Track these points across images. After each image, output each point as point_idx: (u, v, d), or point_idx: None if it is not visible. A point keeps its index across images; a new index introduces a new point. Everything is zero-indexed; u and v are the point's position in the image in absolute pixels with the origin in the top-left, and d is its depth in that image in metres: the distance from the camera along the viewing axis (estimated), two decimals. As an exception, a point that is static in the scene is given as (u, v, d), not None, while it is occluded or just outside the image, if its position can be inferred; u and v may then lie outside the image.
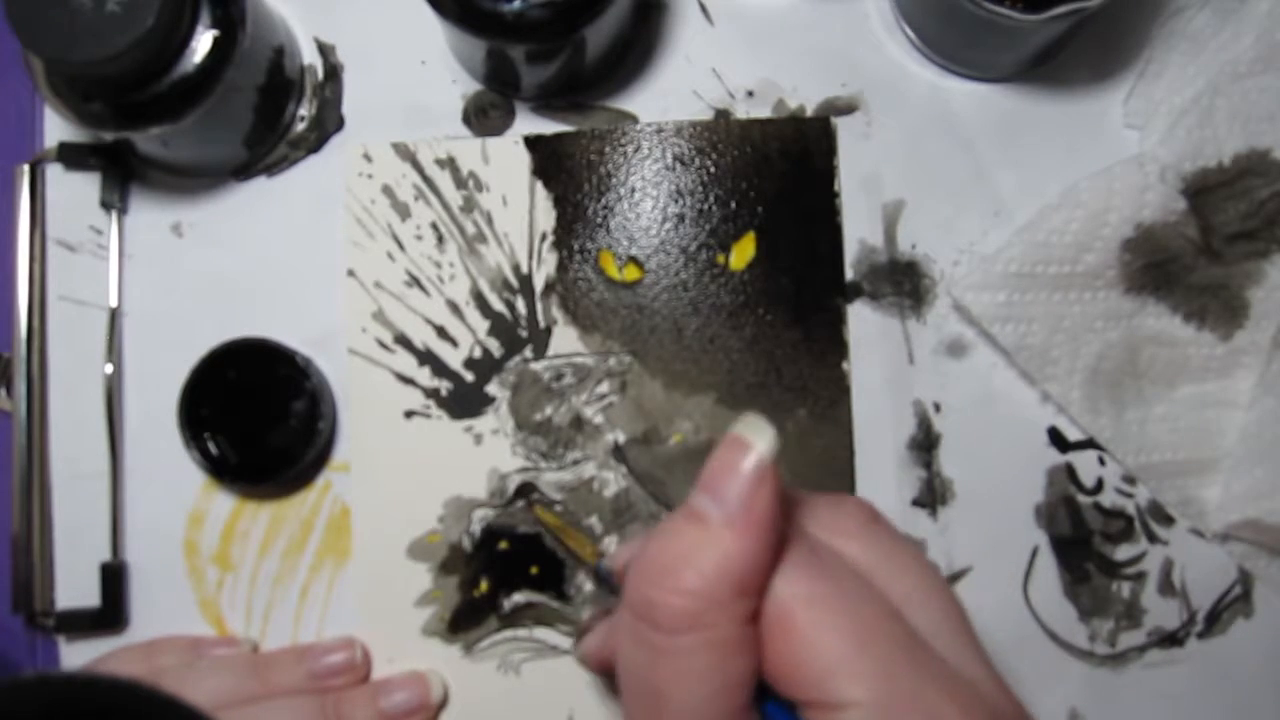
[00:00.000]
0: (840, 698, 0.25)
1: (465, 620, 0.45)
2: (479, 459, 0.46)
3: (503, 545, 0.46)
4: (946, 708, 0.25)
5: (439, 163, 0.47)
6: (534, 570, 0.45)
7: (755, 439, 0.26)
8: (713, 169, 0.47)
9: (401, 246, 0.47)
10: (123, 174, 0.47)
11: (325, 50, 0.48)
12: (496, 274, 0.47)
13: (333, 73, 0.48)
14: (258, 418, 0.45)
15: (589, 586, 0.45)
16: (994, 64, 0.47)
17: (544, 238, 0.47)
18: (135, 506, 0.46)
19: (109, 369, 0.46)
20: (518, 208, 0.47)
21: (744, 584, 0.26)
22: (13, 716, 0.20)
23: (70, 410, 0.46)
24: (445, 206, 0.47)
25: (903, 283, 0.47)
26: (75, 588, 0.46)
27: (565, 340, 0.46)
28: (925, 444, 0.46)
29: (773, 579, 0.26)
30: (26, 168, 0.47)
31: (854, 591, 0.26)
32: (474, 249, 0.47)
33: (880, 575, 0.28)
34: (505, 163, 0.47)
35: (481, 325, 0.47)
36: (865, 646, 0.25)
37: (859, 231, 0.47)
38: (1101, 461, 0.46)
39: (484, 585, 0.46)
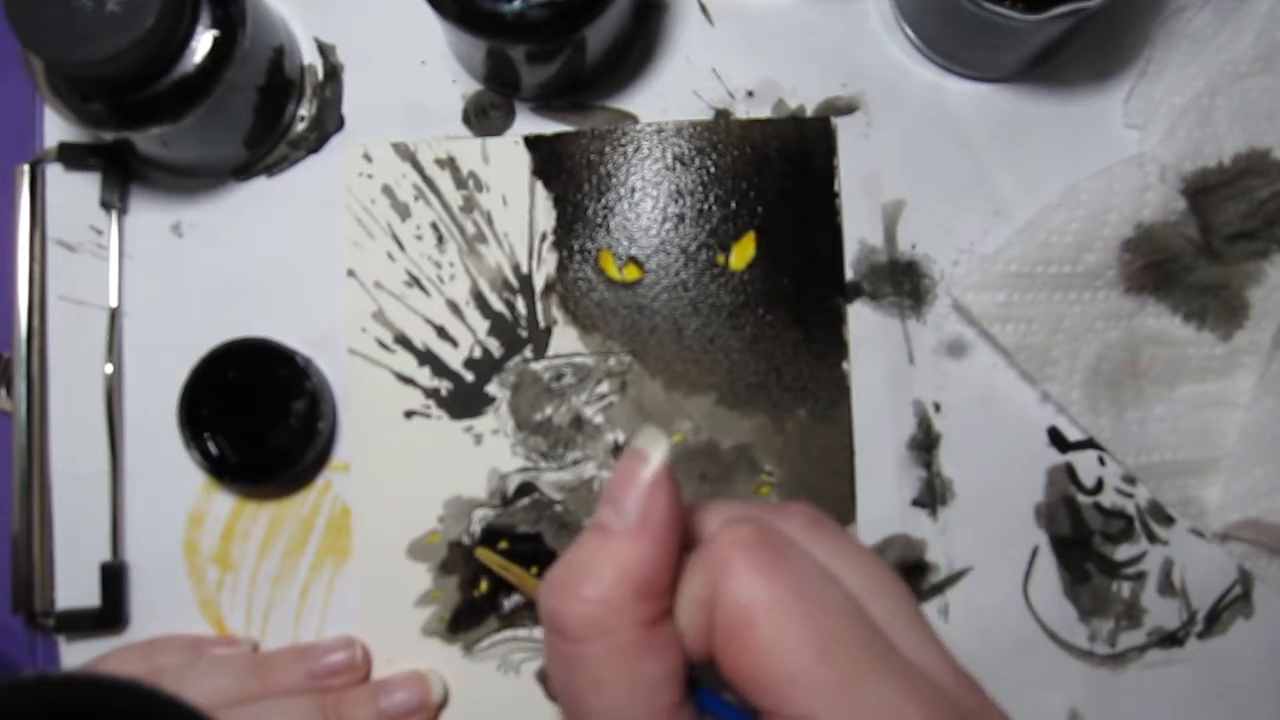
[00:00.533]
0: (801, 709, 0.25)
1: (465, 620, 0.45)
2: (479, 459, 0.46)
3: (503, 545, 0.46)
4: (910, 712, 0.25)
5: (439, 163, 0.47)
6: (534, 570, 0.45)
7: (651, 449, 0.27)
8: (713, 169, 0.47)
9: (401, 246, 0.47)
10: (123, 174, 0.47)
11: (325, 50, 0.48)
12: (496, 274, 0.47)
13: (333, 73, 0.48)
14: (258, 418, 0.45)
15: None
16: (994, 64, 0.47)
17: (544, 238, 0.47)
18: (135, 506, 0.46)
19: (109, 369, 0.46)
20: (518, 208, 0.47)
21: (642, 588, 0.26)
22: (13, 716, 0.20)
23: (70, 410, 0.46)
24: (445, 206, 0.47)
25: (903, 283, 0.47)
26: (75, 588, 0.46)
27: (565, 340, 0.46)
28: (925, 444, 0.46)
29: (731, 581, 0.26)
30: (26, 168, 0.47)
31: (815, 595, 0.26)
32: (474, 249, 0.47)
33: (833, 575, 0.28)
34: (505, 163, 0.47)
35: (481, 325, 0.47)
36: (826, 654, 0.25)
37: (859, 231, 0.47)
38: (1101, 461, 0.46)
39: (484, 585, 0.46)
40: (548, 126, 0.48)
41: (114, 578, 0.45)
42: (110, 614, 0.45)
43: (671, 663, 0.26)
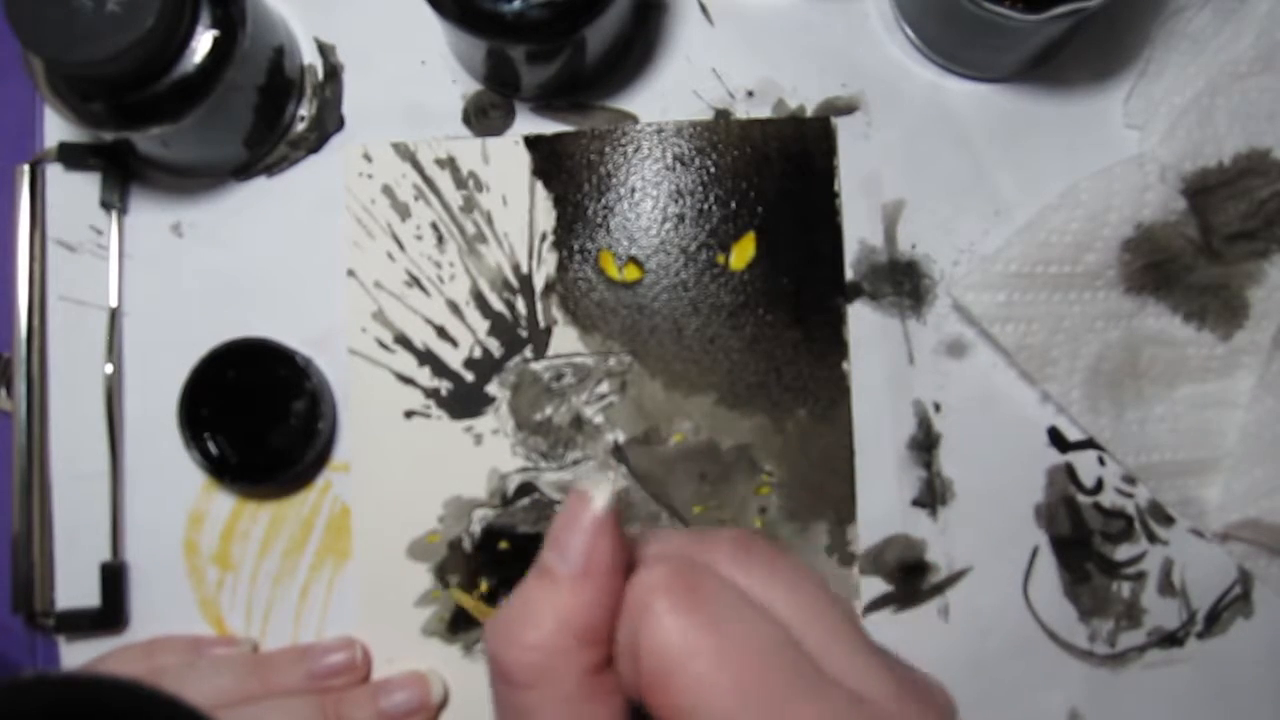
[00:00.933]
0: None
1: (465, 620, 0.45)
2: (479, 459, 0.46)
3: (503, 545, 0.46)
4: None
5: (439, 163, 0.47)
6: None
7: (594, 492, 0.27)
8: (713, 169, 0.47)
9: (401, 246, 0.47)
10: (123, 174, 0.47)
11: (325, 50, 0.48)
12: (496, 274, 0.47)
13: (333, 73, 0.48)
14: (258, 418, 0.45)
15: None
16: (994, 64, 0.47)
17: (544, 238, 0.47)
18: (135, 506, 0.46)
19: (109, 369, 0.46)
20: (518, 208, 0.47)
21: (585, 633, 0.26)
22: (12, 716, 0.20)
23: (70, 410, 0.46)
24: (445, 206, 0.47)
25: (903, 283, 0.47)
26: (75, 588, 0.46)
27: (565, 340, 0.46)
28: (925, 444, 0.46)
29: (652, 622, 0.26)
30: (26, 168, 0.47)
31: (735, 633, 0.25)
32: (474, 249, 0.47)
33: (762, 601, 0.27)
34: (505, 163, 0.47)
35: (481, 325, 0.47)
36: (746, 695, 0.24)
37: (859, 231, 0.47)
38: (1101, 461, 0.46)
39: (484, 585, 0.46)
40: (548, 126, 0.48)
41: (114, 578, 0.45)
42: (110, 614, 0.45)
43: (615, 708, 0.26)
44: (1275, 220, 0.45)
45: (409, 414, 0.46)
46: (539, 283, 0.47)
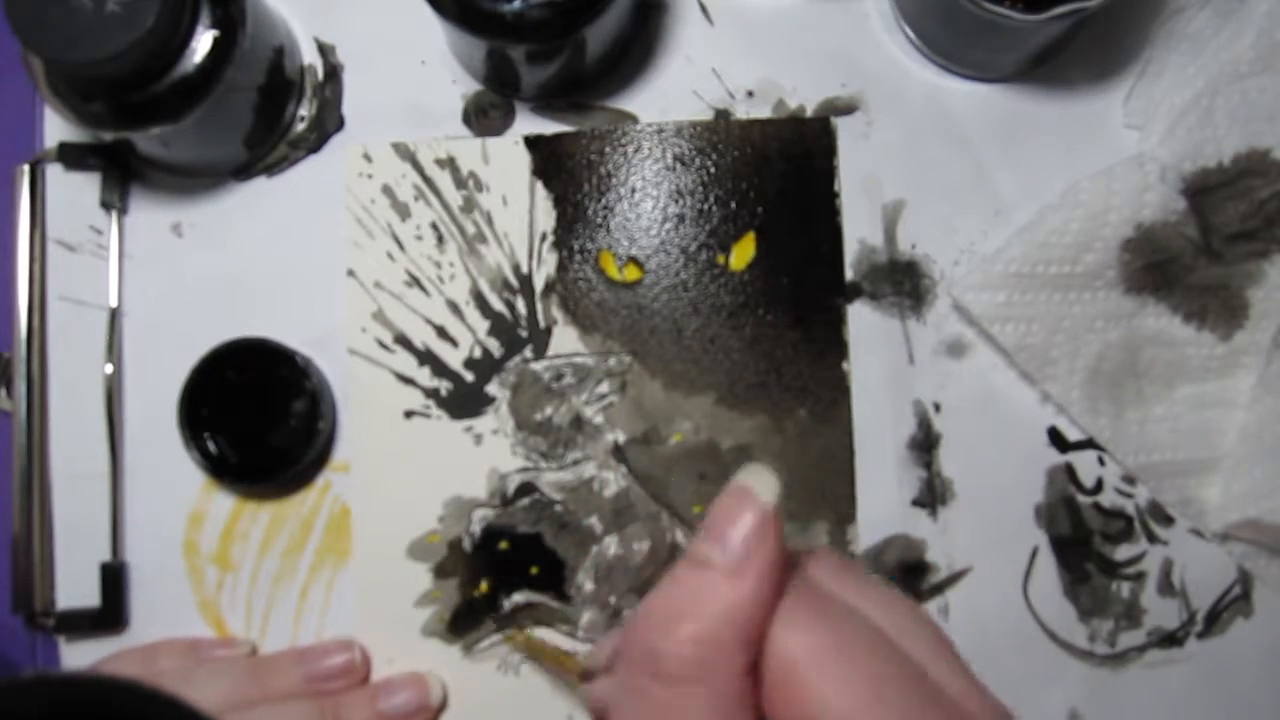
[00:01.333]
0: None
1: (465, 621, 0.45)
2: (479, 459, 0.46)
3: (503, 545, 0.46)
4: None
5: (439, 163, 0.47)
6: (534, 570, 0.45)
7: (759, 487, 0.26)
8: (713, 169, 0.47)
9: (401, 246, 0.47)
10: (123, 174, 0.47)
11: (325, 50, 0.48)
12: (496, 274, 0.47)
13: (333, 73, 0.48)
14: (258, 418, 0.45)
15: (589, 586, 0.45)
16: (994, 64, 0.47)
17: (544, 238, 0.47)
18: (135, 506, 0.46)
19: (109, 369, 0.46)
20: (518, 208, 0.47)
21: (748, 632, 0.25)
22: (12, 716, 0.20)
23: (70, 410, 0.46)
24: (445, 206, 0.47)
25: (903, 283, 0.47)
26: (75, 588, 0.45)
27: (565, 340, 0.46)
28: (925, 444, 0.46)
29: (775, 630, 0.25)
30: (26, 168, 0.47)
31: (862, 639, 0.25)
32: (474, 249, 0.47)
33: (866, 617, 0.27)
34: (505, 163, 0.47)
35: (481, 325, 0.47)
36: (879, 697, 0.24)
37: (859, 231, 0.47)
38: (1101, 461, 0.46)
39: (484, 585, 0.46)
40: (548, 126, 0.48)
41: (114, 578, 0.45)
42: (110, 614, 0.45)
43: (754, 717, 0.25)
44: (1275, 220, 0.45)
45: (409, 414, 0.46)
46: (539, 283, 0.47)
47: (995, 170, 0.47)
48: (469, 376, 0.46)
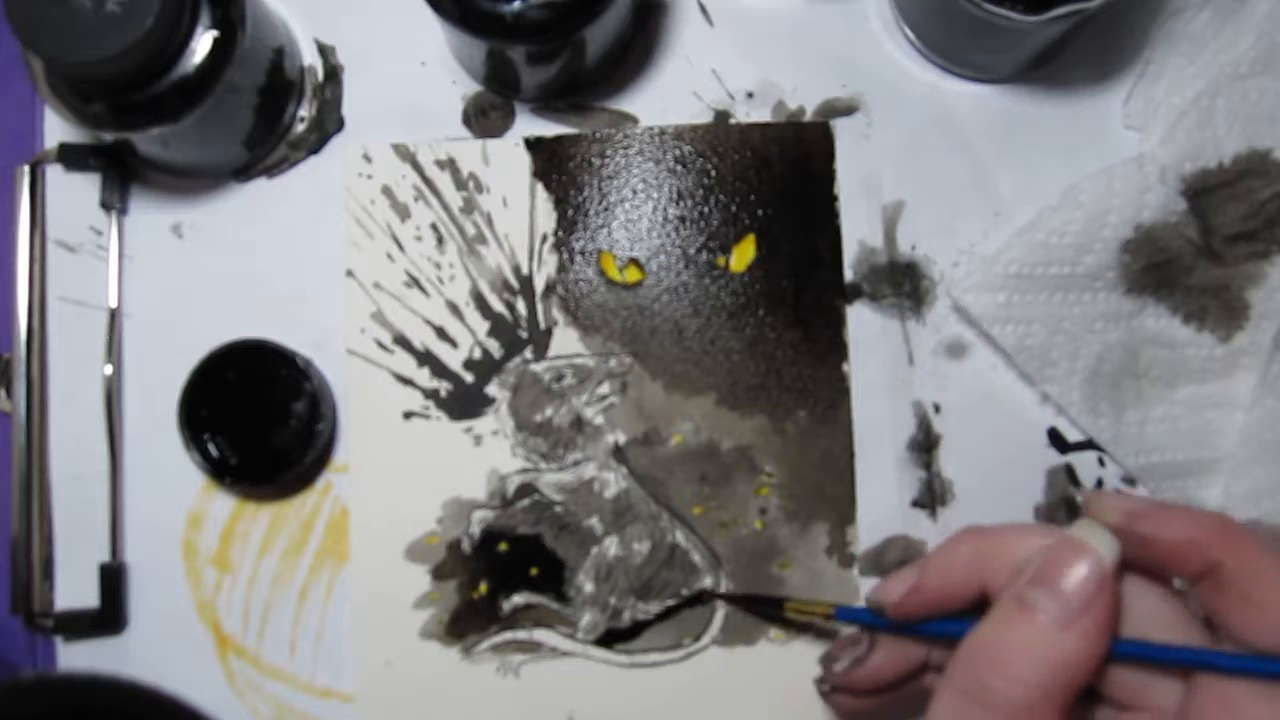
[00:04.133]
0: None
1: (464, 622, 0.45)
2: (478, 460, 0.46)
3: (502, 547, 0.46)
4: None
5: (439, 164, 0.47)
6: (534, 572, 0.45)
7: (1098, 544, 0.27)
8: (713, 172, 0.47)
9: (401, 247, 0.47)
10: (123, 174, 0.47)
11: (325, 51, 0.48)
12: (496, 275, 0.47)
13: (333, 74, 0.48)
14: (257, 419, 0.45)
15: (589, 587, 0.45)
16: (994, 65, 0.47)
17: (544, 239, 0.47)
18: (135, 507, 0.46)
19: (109, 370, 0.46)
20: (518, 209, 0.47)
21: (1077, 684, 0.26)
22: (12, 717, 0.20)
23: (70, 411, 0.46)
24: (445, 207, 0.47)
25: (902, 284, 0.47)
26: (74, 588, 0.45)
27: (566, 341, 0.46)
28: (925, 445, 0.46)
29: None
30: (26, 168, 0.47)
31: None
32: (474, 250, 0.47)
33: None
34: (505, 164, 0.47)
35: (481, 326, 0.47)
36: None
37: (859, 233, 0.47)
38: (1101, 462, 0.46)
39: (483, 587, 0.46)
40: (548, 128, 0.48)
41: (113, 579, 0.45)
42: (109, 615, 0.45)
43: None
44: (1275, 221, 0.45)
45: (408, 415, 0.46)
46: (539, 284, 0.47)
47: (995, 171, 0.47)
48: (469, 377, 0.46)
